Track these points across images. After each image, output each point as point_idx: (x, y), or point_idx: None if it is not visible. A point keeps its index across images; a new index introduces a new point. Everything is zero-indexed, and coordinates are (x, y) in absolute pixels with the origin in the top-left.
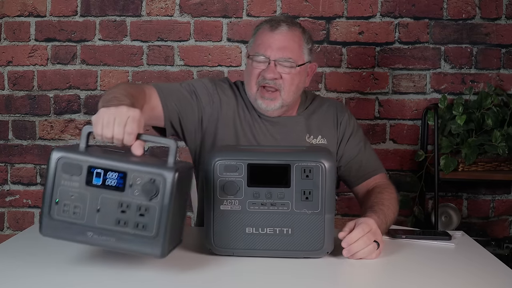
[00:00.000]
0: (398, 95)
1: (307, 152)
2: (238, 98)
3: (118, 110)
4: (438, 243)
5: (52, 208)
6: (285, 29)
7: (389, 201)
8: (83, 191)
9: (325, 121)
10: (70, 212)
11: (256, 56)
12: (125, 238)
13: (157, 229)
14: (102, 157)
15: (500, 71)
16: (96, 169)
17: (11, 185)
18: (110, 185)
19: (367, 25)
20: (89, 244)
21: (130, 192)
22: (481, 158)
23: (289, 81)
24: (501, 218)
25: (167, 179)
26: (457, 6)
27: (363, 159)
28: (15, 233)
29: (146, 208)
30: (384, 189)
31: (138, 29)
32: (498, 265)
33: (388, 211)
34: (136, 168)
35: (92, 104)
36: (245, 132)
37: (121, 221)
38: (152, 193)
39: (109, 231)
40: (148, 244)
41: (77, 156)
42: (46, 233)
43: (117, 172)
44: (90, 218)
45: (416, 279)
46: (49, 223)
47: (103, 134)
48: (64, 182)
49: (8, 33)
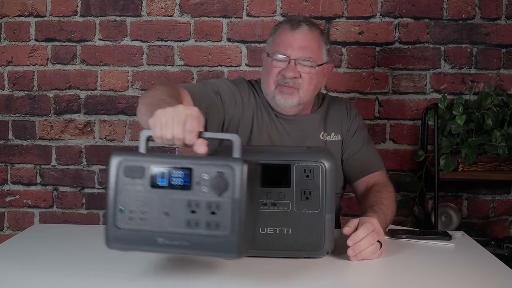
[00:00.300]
0: (398, 95)
1: (307, 152)
2: (256, 97)
3: (175, 109)
4: (438, 243)
5: (117, 217)
6: (306, 28)
7: (388, 200)
8: (149, 194)
9: (339, 117)
10: (137, 219)
11: (276, 55)
12: (198, 240)
13: (231, 226)
14: (164, 156)
15: (500, 71)
16: (160, 169)
17: (11, 185)
18: (176, 184)
19: (367, 25)
20: (161, 252)
21: (198, 190)
22: (481, 158)
23: (308, 80)
24: (501, 218)
25: (236, 170)
26: (457, 6)
27: (365, 155)
28: (15, 233)
29: (217, 204)
30: (383, 187)
31: (138, 29)
32: (498, 265)
33: (387, 210)
34: (201, 163)
35: (92, 104)
36: (261, 131)
37: (191, 222)
38: (222, 187)
39: (180, 235)
40: (223, 245)
41: (139, 157)
42: (113, 246)
43: (181, 169)
44: (159, 223)
45: (416, 279)
46: (116, 234)
47: (162, 136)
48: (127, 187)
49: (8, 33)
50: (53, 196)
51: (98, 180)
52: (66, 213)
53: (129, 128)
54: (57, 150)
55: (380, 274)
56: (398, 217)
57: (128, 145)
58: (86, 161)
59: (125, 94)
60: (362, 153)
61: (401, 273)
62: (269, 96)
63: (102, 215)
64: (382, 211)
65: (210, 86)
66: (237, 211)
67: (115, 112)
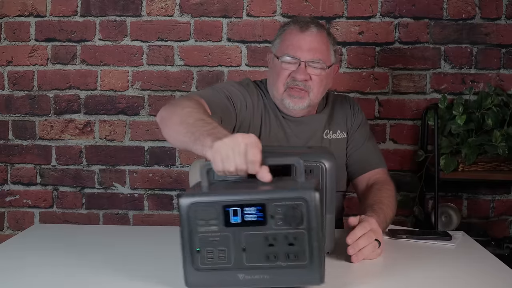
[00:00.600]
0: (398, 95)
1: (307, 152)
2: (264, 99)
3: (234, 140)
4: (438, 243)
5: (194, 258)
6: (315, 30)
7: (388, 199)
8: (224, 233)
9: (344, 113)
10: (215, 258)
11: (285, 57)
12: (279, 273)
13: (310, 255)
14: (234, 193)
15: (500, 71)
16: (231, 207)
17: (11, 185)
18: (250, 220)
19: (367, 25)
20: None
21: (273, 224)
22: (481, 158)
23: (318, 82)
24: (501, 218)
25: (310, 201)
26: (457, 6)
27: (366, 151)
28: (15, 233)
29: (294, 236)
30: (383, 185)
31: (138, 29)
32: (498, 265)
33: (387, 209)
34: (273, 197)
35: (92, 104)
36: (269, 134)
37: (270, 255)
38: (297, 221)
39: (260, 269)
40: (304, 273)
41: (208, 198)
42: (194, 285)
43: (254, 206)
44: (238, 259)
45: (416, 279)
46: (195, 274)
47: (225, 169)
48: (201, 229)
49: (8, 33)
50: (53, 196)
51: (98, 180)
52: (66, 213)
53: (129, 128)
54: (57, 150)
55: (380, 274)
56: (398, 217)
57: (128, 145)
58: (86, 161)
59: (125, 94)
60: (364, 149)
61: (401, 273)
62: (277, 99)
63: (102, 215)
64: (382, 211)
65: (222, 92)
66: (315, 240)
67: (115, 112)
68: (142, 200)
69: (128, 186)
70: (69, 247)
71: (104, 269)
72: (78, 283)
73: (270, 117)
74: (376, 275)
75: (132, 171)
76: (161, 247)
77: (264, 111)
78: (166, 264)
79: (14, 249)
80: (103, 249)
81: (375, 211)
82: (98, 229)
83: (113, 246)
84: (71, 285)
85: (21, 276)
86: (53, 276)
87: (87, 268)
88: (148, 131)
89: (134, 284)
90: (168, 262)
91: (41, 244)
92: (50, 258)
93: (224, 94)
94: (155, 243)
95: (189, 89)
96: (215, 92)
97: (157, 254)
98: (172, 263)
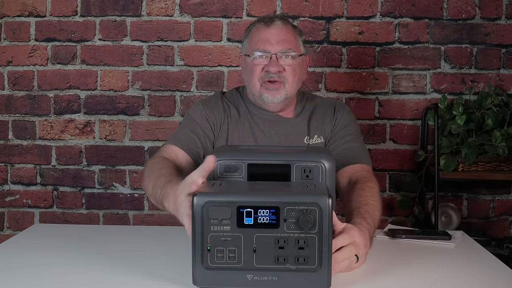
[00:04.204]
0: (398, 95)
1: (307, 152)
2: (238, 106)
3: (175, 203)
4: (438, 243)
5: (204, 256)
6: (280, 23)
7: (372, 198)
8: (236, 233)
9: (322, 119)
10: (225, 258)
11: (256, 53)
12: (287, 275)
13: (319, 260)
14: (248, 195)
15: (500, 71)
16: (246, 209)
17: (11, 185)
18: (263, 222)
19: (367, 25)
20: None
21: (286, 227)
22: (481, 158)
23: (292, 72)
24: (501, 218)
25: (323, 207)
26: (457, 6)
27: (350, 147)
28: (15, 233)
29: (305, 240)
30: (365, 184)
31: (138, 29)
32: (498, 265)
33: (373, 210)
34: (287, 201)
35: (92, 104)
36: (249, 135)
37: (280, 258)
38: (310, 226)
39: (269, 270)
40: (312, 277)
41: (223, 198)
42: (202, 284)
43: (268, 208)
44: (248, 260)
45: (416, 279)
46: (204, 273)
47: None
48: (214, 228)
49: (8, 33)
50: (53, 196)
51: (98, 180)
52: (66, 213)
53: (129, 128)
54: (57, 150)
55: (380, 274)
56: (398, 217)
57: (128, 145)
58: (86, 161)
59: (125, 94)
60: (349, 145)
61: (401, 273)
62: (256, 96)
63: (102, 215)
64: (369, 214)
65: (191, 123)
66: (325, 245)
67: (115, 112)
68: (142, 200)
69: (128, 186)
70: (69, 247)
71: (104, 269)
72: (78, 283)
73: (248, 120)
74: (376, 275)
75: (132, 171)
76: (161, 247)
77: (239, 117)
78: (166, 264)
79: (14, 249)
80: (103, 249)
81: (363, 217)
82: (98, 229)
83: (113, 246)
84: (71, 285)
85: (21, 276)
86: (53, 276)
87: (87, 268)
88: (148, 131)
89: (134, 284)
90: (169, 262)
91: (41, 244)
92: (50, 258)
93: (193, 126)
94: (155, 243)
95: (189, 89)
96: (185, 127)
97: (157, 254)
98: (172, 263)
